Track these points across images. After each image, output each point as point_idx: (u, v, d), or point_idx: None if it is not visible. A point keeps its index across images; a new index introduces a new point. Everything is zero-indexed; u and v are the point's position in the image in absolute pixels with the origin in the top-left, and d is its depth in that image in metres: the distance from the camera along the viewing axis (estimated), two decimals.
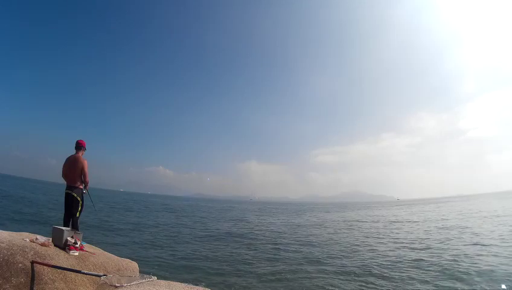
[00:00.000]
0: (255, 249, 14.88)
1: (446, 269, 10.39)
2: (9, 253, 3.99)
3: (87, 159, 5.75)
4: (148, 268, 8.84)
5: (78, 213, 5.55)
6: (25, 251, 4.14)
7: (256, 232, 21.90)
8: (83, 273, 4.31)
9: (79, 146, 5.72)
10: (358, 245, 15.81)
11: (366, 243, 16.52)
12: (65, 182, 5.66)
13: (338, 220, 33.47)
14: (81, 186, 5.65)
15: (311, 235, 20.64)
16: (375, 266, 11.13)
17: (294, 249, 15.00)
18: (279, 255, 13.59)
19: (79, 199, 5.53)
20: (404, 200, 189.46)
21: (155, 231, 19.80)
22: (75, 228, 5.34)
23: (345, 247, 15.35)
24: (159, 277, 5.04)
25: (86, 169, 5.65)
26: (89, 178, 5.72)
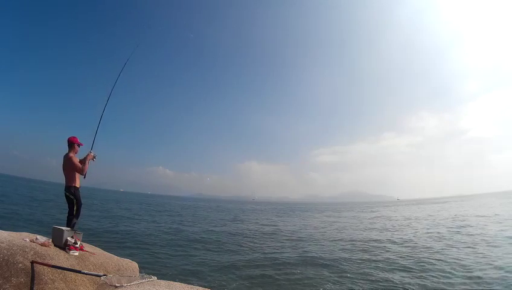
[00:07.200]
0: (261, 250, 14.88)
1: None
2: (9, 253, 3.99)
3: (75, 154, 5.58)
4: (148, 268, 8.83)
5: (74, 212, 5.52)
6: (25, 251, 4.13)
7: (263, 232, 21.91)
8: (83, 273, 4.30)
9: (68, 144, 5.60)
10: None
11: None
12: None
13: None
14: (75, 185, 5.53)
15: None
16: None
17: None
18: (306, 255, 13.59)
19: (72, 197, 5.50)
20: (404, 200, 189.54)
21: (155, 230, 19.78)
22: (70, 226, 5.31)
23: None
24: (159, 277, 5.03)
25: (75, 162, 5.45)
26: (81, 167, 5.48)
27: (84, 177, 5.66)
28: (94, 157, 5.71)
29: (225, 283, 9.29)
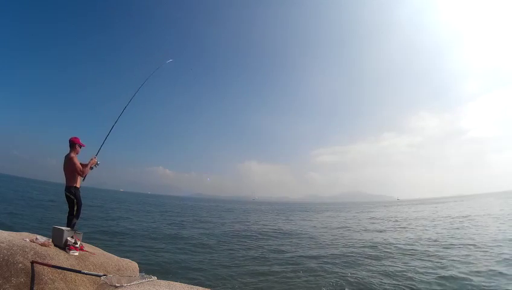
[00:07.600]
0: (261, 250, 14.88)
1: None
2: (9, 253, 3.99)
3: (76, 155, 5.60)
4: (148, 268, 8.83)
5: (74, 212, 5.52)
6: (25, 251, 4.14)
7: (264, 232, 21.91)
8: (83, 273, 4.31)
9: (69, 144, 5.63)
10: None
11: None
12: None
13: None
14: (75, 185, 5.54)
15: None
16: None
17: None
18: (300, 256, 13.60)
19: (72, 197, 5.51)
20: (404, 200, 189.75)
21: (155, 230, 19.78)
22: (70, 227, 5.32)
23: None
24: (159, 277, 5.03)
25: (75, 163, 5.47)
26: (81, 168, 5.51)
27: (84, 179, 5.71)
28: (97, 163, 5.76)
29: (225, 283, 9.29)
